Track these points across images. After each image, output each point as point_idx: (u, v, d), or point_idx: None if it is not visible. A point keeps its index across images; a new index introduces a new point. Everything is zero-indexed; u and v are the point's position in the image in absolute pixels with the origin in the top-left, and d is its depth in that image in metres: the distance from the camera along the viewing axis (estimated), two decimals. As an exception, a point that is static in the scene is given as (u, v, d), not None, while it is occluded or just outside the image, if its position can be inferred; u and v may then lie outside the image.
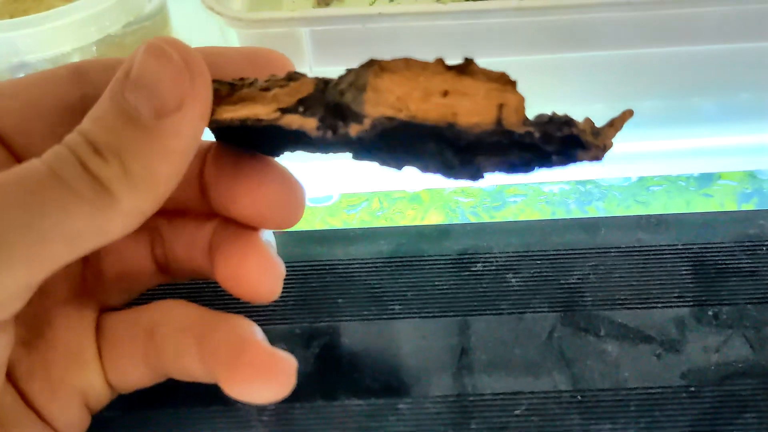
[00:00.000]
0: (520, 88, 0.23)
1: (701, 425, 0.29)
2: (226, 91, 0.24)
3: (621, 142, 0.24)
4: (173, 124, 0.22)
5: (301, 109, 0.23)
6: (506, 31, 0.38)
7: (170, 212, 0.28)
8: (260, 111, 0.23)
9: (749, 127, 0.46)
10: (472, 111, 0.22)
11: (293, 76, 0.24)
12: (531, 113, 0.23)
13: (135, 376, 0.27)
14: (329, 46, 0.38)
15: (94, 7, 0.41)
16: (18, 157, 0.25)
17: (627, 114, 0.24)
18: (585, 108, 0.44)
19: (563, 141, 0.23)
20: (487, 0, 0.37)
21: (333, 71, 0.39)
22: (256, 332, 0.26)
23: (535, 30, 0.38)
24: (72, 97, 0.25)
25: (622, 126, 0.24)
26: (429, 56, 0.39)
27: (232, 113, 0.24)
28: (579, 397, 0.30)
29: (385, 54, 0.39)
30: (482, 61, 0.23)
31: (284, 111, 0.23)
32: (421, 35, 0.38)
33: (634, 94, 0.44)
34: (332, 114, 0.23)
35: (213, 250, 0.28)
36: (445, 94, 0.23)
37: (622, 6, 0.37)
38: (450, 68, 0.23)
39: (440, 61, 0.23)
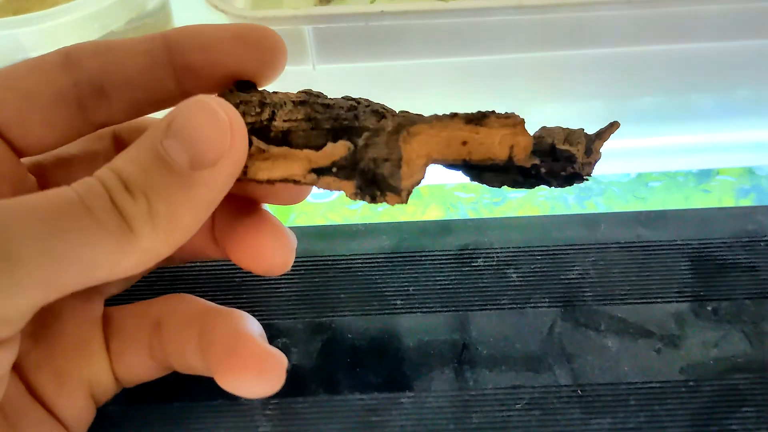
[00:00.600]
0: (521, 86, 0.24)
1: (700, 419, 0.29)
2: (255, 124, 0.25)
3: (620, 139, 0.25)
4: (205, 177, 0.22)
5: (334, 169, 0.24)
6: (506, 29, 0.38)
7: None
8: (295, 171, 0.25)
9: (747, 123, 0.46)
10: (486, 152, 0.25)
11: (312, 117, 0.25)
12: (531, 110, 0.25)
13: (141, 368, 0.28)
14: (332, 43, 0.38)
15: (96, 5, 0.41)
16: (15, 148, 0.25)
17: (615, 125, 0.25)
18: (584, 105, 0.44)
19: (566, 177, 0.25)
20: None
21: (335, 68, 0.39)
22: (253, 328, 0.26)
23: (535, 28, 0.39)
24: (65, 85, 0.25)
25: (609, 137, 0.25)
26: (429, 55, 0.39)
27: (268, 173, 0.25)
28: (579, 392, 0.30)
29: (387, 54, 0.39)
30: (482, 59, 0.24)
31: (319, 172, 0.25)
32: (423, 33, 0.38)
33: (633, 91, 0.44)
34: (369, 183, 0.24)
35: (221, 229, 0.28)
36: (464, 143, 0.24)
37: (621, 4, 0.37)
38: (468, 122, 0.24)
39: (459, 117, 0.24)
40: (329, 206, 0.45)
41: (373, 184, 0.24)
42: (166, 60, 0.26)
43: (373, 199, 0.24)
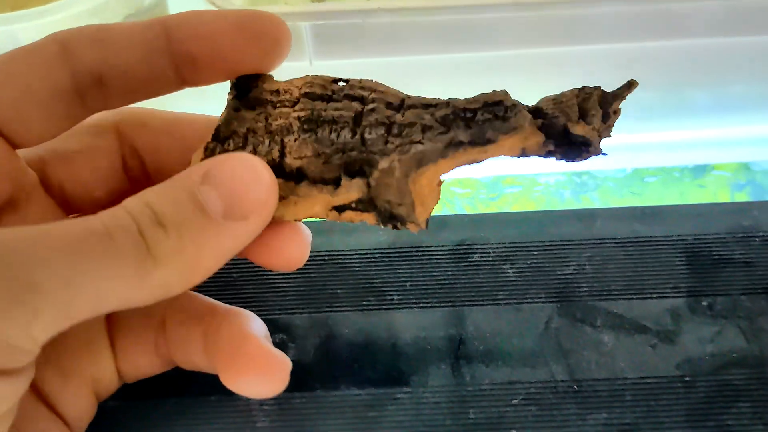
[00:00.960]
0: (517, 82, 0.23)
1: (696, 414, 0.29)
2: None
3: (616, 134, 0.25)
4: (234, 228, 0.22)
5: (354, 205, 0.25)
6: (503, 26, 0.38)
7: None
8: (317, 210, 0.25)
9: (742, 118, 0.46)
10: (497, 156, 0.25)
11: (320, 152, 0.25)
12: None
13: (145, 364, 0.28)
14: (329, 39, 0.38)
15: (94, 0, 0.41)
16: (15, 146, 0.25)
17: (633, 84, 0.25)
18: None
19: (585, 158, 0.25)
20: (484, -6, 0.37)
21: (333, 65, 0.39)
22: (258, 329, 0.26)
23: (532, 24, 0.39)
24: (63, 77, 0.25)
25: (627, 96, 0.25)
26: (426, 51, 0.39)
27: (293, 215, 0.25)
28: (575, 387, 0.30)
29: (384, 50, 0.39)
30: (478, 56, 0.24)
31: (339, 209, 0.25)
32: (420, 30, 0.38)
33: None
34: (388, 218, 0.25)
35: None
36: (472, 162, 0.25)
37: (618, 1, 0.37)
38: (474, 145, 0.24)
39: (466, 144, 0.24)
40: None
41: (393, 218, 0.25)
42: (164, 47, 0.25)
43: (396, 228, 0.25)
